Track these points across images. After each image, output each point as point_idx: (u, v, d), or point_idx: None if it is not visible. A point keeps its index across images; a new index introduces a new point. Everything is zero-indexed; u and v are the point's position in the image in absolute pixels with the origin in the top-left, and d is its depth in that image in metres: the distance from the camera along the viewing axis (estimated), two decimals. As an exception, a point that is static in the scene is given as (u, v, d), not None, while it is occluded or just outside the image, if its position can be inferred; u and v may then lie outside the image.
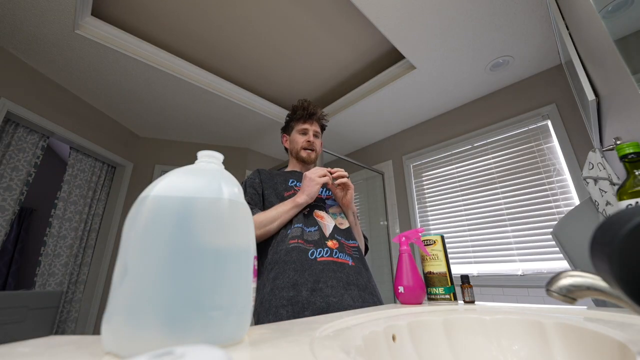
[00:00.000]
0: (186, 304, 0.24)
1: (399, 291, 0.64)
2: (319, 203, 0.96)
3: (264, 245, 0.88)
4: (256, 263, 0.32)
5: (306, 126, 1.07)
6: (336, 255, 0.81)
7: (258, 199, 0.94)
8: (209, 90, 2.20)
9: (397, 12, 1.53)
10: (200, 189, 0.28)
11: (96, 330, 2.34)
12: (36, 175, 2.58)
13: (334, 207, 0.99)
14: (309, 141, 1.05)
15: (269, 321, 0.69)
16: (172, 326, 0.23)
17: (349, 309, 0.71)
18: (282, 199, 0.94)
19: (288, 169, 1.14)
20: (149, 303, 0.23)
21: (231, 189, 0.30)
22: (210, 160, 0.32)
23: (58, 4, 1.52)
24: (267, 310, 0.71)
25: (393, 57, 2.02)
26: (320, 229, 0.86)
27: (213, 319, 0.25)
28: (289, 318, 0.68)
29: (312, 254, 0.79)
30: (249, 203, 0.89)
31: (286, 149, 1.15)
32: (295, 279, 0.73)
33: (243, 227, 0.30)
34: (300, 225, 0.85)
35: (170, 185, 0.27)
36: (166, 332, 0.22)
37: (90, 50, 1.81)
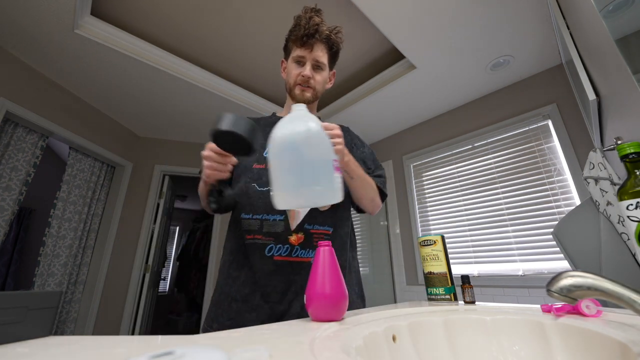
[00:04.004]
0: (302, 183, 0.49)
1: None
2: None
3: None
4: (337, 163, 0.53)
5: (303, 53, 0.79)
6: (296, 254, 0.69)
7: None
8: (209, 90, 2.20)
9: (398, 11, 1.52)
10: (298, 126, 0.51)
11: (95, 331, 2.33)
12: (35, 175, 2.57)
13: None
14: (302, 75, 0.79)
15: (221, 312, 0.69)
16: (298, 193, 0.50)
17: (297, 318, 0.59)
18: (249, 171, 0.75)
19: (283, 112, 0.90)
20: (288, 183, 0.51)
21: (316, 124, 0.52)
22: (300, 108, 0.54)
23: (58, 3, 1.51)
24: (221, 301, 0.70)
25: (393, 56, 2.02)
26: (286, 218, 0.71)
27: (316, 188, 0.49)
28: (237, 314, 0.67)
29: (270, 250, 0.69)
30: None
31: None
32: (254, 280, 0.69)
33: (323, 145, 0.52)
34: (259, 216, 0.71)
35: (285, 127, 0.52)
36: (297, 196, 0.50)
37: (89, 50, 1.81)
